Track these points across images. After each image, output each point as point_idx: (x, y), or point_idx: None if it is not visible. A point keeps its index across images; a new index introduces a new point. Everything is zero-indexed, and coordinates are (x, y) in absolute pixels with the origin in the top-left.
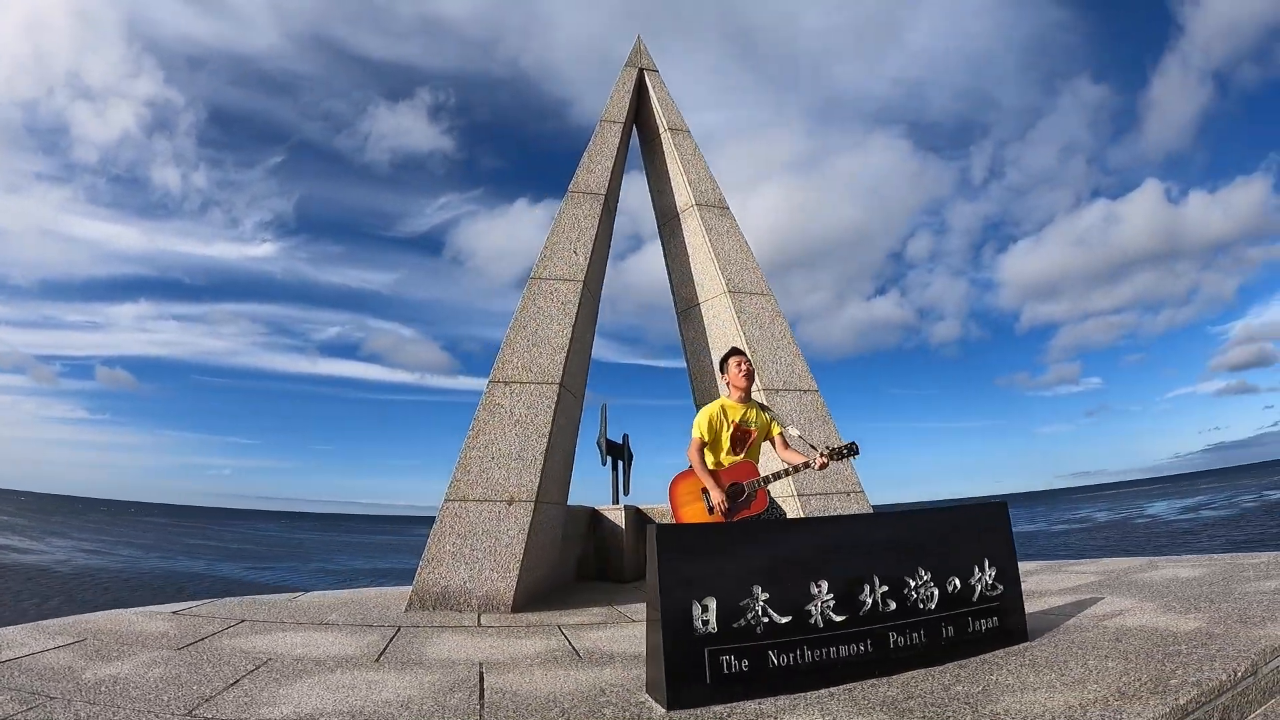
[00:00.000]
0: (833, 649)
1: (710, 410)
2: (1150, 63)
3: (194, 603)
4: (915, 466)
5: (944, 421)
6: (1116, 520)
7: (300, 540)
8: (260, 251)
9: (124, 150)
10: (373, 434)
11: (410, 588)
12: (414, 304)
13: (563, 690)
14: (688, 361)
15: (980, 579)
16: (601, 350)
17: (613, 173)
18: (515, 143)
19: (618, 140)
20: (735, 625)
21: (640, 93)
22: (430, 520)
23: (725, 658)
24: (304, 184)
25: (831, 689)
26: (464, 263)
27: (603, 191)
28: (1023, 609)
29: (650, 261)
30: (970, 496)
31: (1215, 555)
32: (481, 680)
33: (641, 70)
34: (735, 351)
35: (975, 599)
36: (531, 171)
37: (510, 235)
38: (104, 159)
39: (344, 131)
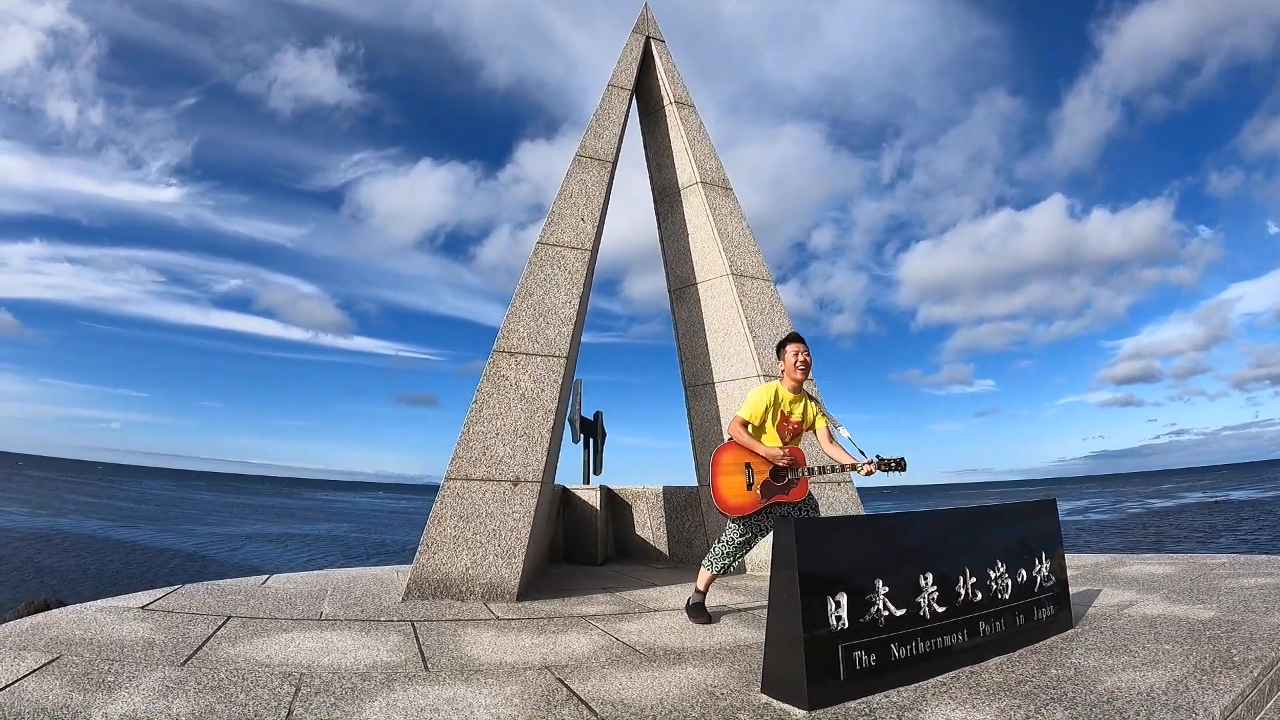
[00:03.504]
0: (938, 639)
1: (762, 394)
2: (1065, 83)
3: (157, 593)
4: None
5: (838, 412)
6: None
7: (191, 500)
8: (165, 196)
9: (20, 80)
10: (263, 392)
11: (384, 569)
12: (318, 260)
13: (669, 695)
14: (678, 341)
15: (1040, 570)
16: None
17: (618, 140)
18: (421, 102)
19: (624, 107)
20: (862, 620)
21: (645, 61)
22: (317, 483)
23: (857, 653)
24: (212, 128)
25: (941, 678)
26: (362, 220)
27: (610, 158)
28: (1069, 599)
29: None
30: (864, 488)
31: (1176, 555)
32: (568, 688)
33: (649, 38)
34: (795, 338)
35: (1037, 590)
36: (437, 133)
37: (410, 196)
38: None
39: (252, 76)
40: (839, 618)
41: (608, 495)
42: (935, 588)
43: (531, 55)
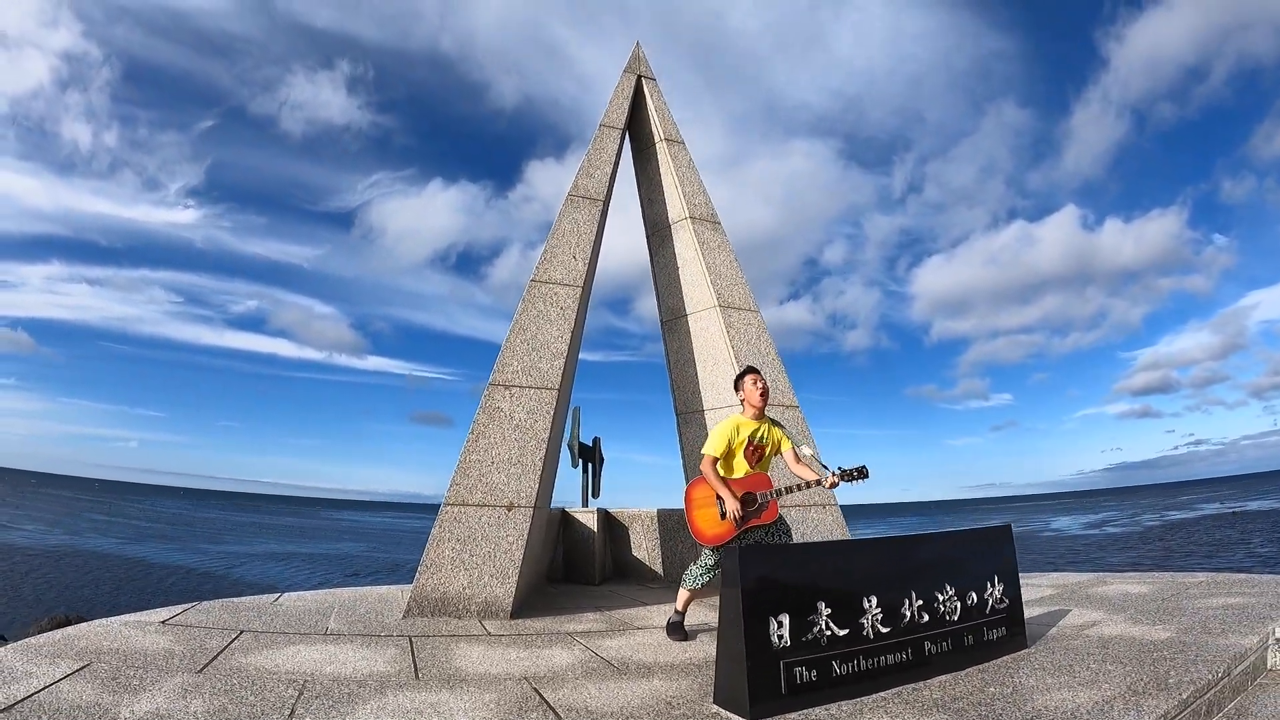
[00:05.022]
0: (881, 658)
1: (726, 426)
2: (1073, 93)
3: (176, 608)
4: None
5: (856, 429)
6: (1023, 532)
7: (208, 519)
8: (182, 218)
9: (35, 103)
10: (278, 412)
11: (390, 588)
12: (334, 280)
13: (630, 705)
14: (670, 371)
15: (991, 593)
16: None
17: (610, 178)
18: (430, 123)
19: (615, 146)
20: (804, 639)
21: (637, 100)
22: (331, 503)
23: (798, 669)
24: (226, 151)
25: (883, 693)
26: (374, 240)
27: (601, 197)
28: (1024, 620)
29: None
30: (881, 504)
31: (1157, 574)
32: (542, 697)
33: (640, 77)
34: (751, 370)
35: (988, 611)
36: (447, 153)
37: (421, 216)
38: (14, 110)
39: (263, 98)
40: (781, 636)
41: (605, 518)
42: (880, 610)
43: (540, 74)
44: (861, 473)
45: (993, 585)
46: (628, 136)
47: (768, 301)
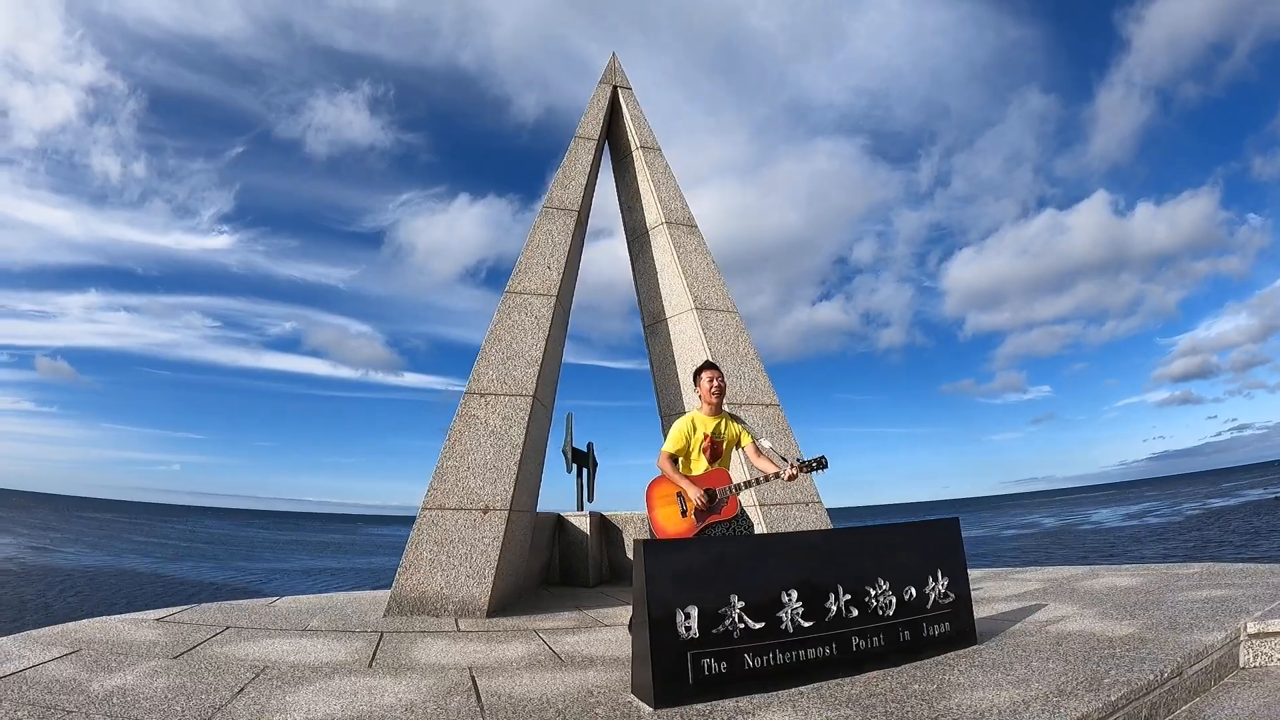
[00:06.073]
0: (801, 651)
1: (682, 424)
2: (1096, 77)
3: (175, 609)
4: (866, 473)
5: (893, 427)
6: (1063, 526)
7: (247, 537)
8: (217, 243)
9: (64, 136)
10: (316, 431)
11: (382, 592)
12: (369, 300)
13: (553, 692)
14: (654, 374)
15: (934, 588)
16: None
17: (585, 189)
18: (453, 139)
19: (590, 157)
20: (715, 631)
21: (614, 110)
22: (371, 519)
23: (706, 660)
24: (255, 176)
25: (801, 688)
26: (404, 259)
27: (575, 208)
28: (972, 615)
29: (602, 263)
30: (921, 503)
31: (1153, 565)
32: (474, 683)
33: (615, 88)
34: (707, 366)
35: (929, 606)
36: (471, 168)
37: (449, 232)
38: (44, 144)
39: (287, 122)
40: (689, 628)
41: (600, 521)
42: (800, 603)
43: (562, 85)
44: (820, 463)
45: (935, 580)
46: (607, 146)
47: (799, 303)
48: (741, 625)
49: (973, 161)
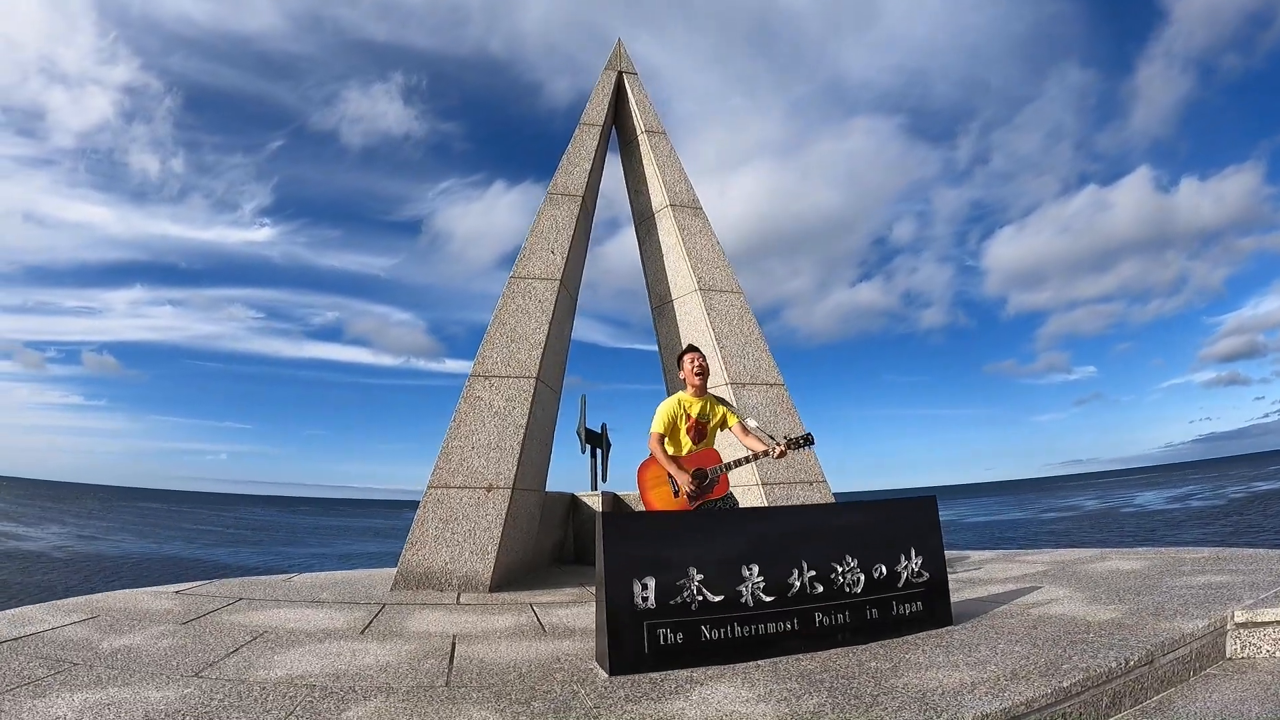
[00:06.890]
0: (761, 626)
1: (668, 405)
2: (1136, 49)
3: (196, 583)
4: (910, 453)
5: (936, 409)
6: (1105, 509)
7: (294, 524)
8: (259, 236)
9: (102, 136)
10: (360, 418)
11: (394, 570)
12: (410, 288)
13: (523, 658)
14: (662, 356)
15: (906, 567)
16: (590, 334)
17: (590, 174)
18: (487, 127)
19: (595, 143)
20: (672, 602)
21: (619, 95)
22: (416, 504)
23: (662, 631)
24: (294, 168)
25: (759, 662)
26: (441, 247)
27: (580, 193)
28: (948, 595)
29: (628, 250)
30: (962, 484)
31: (1162, 549)
32: (453, 649)
33: (621, 73)
34: (690, 349)
35: (901, 585)
36: (507, 155)
37: (487, 218)
38: (83, 144)
39: (320, 114)
40: (645, 599)
41: (613, 501)
42: (762, 578)
43: (595, 69)
44: (808, 439)
45: (908, 559)
46: (614, 132)
47: (839, 284)
48: (700, 598)
49: (1012, 138)
